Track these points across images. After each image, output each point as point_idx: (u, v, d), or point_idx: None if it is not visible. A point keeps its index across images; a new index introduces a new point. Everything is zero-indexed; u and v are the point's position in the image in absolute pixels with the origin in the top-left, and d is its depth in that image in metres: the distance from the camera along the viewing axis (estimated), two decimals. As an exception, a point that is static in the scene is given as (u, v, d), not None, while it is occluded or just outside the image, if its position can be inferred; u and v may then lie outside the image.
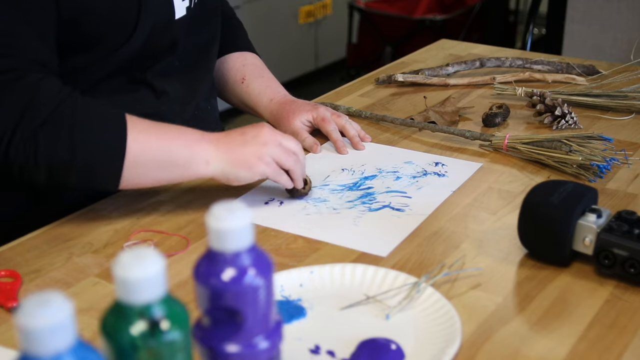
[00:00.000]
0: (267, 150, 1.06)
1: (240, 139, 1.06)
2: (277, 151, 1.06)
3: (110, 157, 1.00)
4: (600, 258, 0.93)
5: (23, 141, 0.97)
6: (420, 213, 1.10)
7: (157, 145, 1.02)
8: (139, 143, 1.01)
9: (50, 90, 0.99)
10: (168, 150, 1.03)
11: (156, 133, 1.03)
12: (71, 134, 0.98)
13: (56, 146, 0.97)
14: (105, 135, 1.00)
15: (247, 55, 1.39)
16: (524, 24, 2.55)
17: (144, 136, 1.02)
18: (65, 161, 0.98)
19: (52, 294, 0.53)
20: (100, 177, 1.01)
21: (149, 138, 1.02)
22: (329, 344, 0.83)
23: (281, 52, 3.90)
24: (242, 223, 0.64)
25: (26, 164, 0.98)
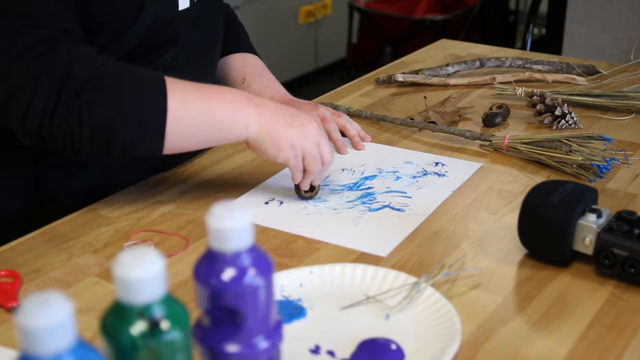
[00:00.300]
0: (303, 144, 1.06)
1: (287, 119, 1.06)
2: (312, 151, 1.07)
3: (152, 115, 0.99)
4: (600, 258, 0.93)
5: (67, 106, 0.96)
6: (420, 213, 1.10)
7: (198, 102, 1.02)
8: (179, 100, 1.00)
9: (88, 56, 0.99)
10: (208, 107, 1.02)
11: (197, 91, 1.03)
12: (113, 95, 0.98)
13: (99, 108, 0.97)
14: (146, 94, 1.00)
15: (247, 56, 1.40)
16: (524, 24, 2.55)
17: (185, 93, 1.01)
18: (108, 122, 0.97)
19: (52, 294, 0.53)
20: (144, 137, 1.00)
21: (190, 95, 1.02)
22: (329, 344, 0.83)
23: (281, 52, 3.90)
24: (242, 223, 0.64)
25: (71, 129, 0.97)
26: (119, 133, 0.98)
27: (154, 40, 1.14)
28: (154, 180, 1.19)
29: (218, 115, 1.02)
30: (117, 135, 0.98)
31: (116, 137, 0.99)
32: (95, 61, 0.99)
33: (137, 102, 0.99)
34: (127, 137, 0.99)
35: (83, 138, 0.98)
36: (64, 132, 0.97)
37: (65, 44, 0.99)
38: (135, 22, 1.09)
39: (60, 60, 0.97)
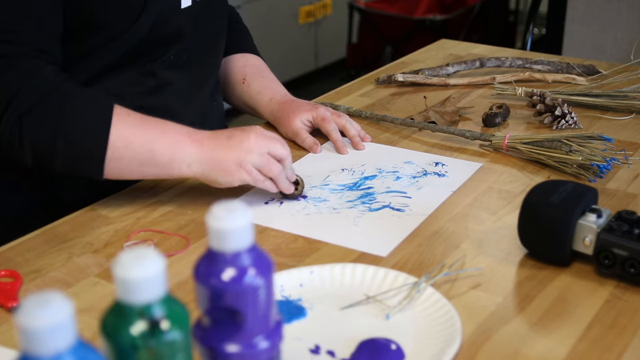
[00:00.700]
0: (249, 158, 1.05)
1: (225, 143, 1.05)
2: (260, 160, 1.06)
3: (93, 149, 1.01)
4: (600, 258, 0.93)
5: (10, 124, 0.99)
6: (420, 213, 1.10)
7: (140, 142, 1.03)
8: (121, 139, 1.02)
9: (44, 78, 1.01)
10: (150, 149, 1.03)
11: (141, 129, 1.04)
12: (57, 121, 1.00)
13: (40, 131, 0.99)
14: (90, 126, 1.01)
15: (248, 57, 1.40)
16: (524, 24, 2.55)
17: (128, 132, 1.02)
18: (48, 146, 1.00)
19: (52, 294, 0.53)
20: (83, 166, 1.03)
21: (133, 135, 1.03)
22: (329, 344, 0.83)
23: (281, 52, 3.90)
24: (242, 223, 0.64)
25: (13, 144, 1.00)
26: (59, 157, 1.01)
27: (157, 38, 1.14)
28: (154, 180, 1.19)
29: (159, 156, 1.03)
30: (56, 158, 1.01)
31: (55, 160, 1.01)
32: (50, 83, 1.00)
33: (78, 134, 1.01)
34: (67, 163, 1.02)
35: (25, 155, 1.01)
36: (7, 148, 1.01)
37: (29, 61, 1.01)
38: (138, 20, 1.09)
39: (9, 80, 0.99)
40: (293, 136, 1.30)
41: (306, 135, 1.29)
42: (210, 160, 1.04)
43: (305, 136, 1.29)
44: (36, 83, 1.00)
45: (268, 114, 1.35)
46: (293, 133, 1.30)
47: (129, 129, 1.03)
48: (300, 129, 1.29)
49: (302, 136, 1.29)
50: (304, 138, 1.29)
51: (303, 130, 1.30)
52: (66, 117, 1.00)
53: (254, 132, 1.07)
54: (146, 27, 1.11)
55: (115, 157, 1.02)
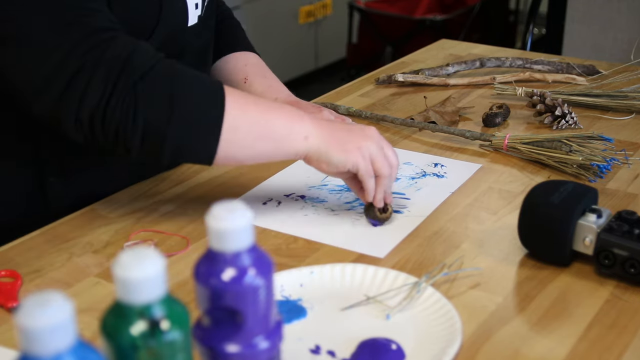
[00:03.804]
0: (369, 145, 1.02)
1: (345, 126, 1.04)
2: (378, 152, 1.02)
3: (208, 117, 0.95)
4: (600, 258, 0.93)
5: (122, 96, 0.92)
6: (419, 215, 1.10)
7: (257, 113, 0.99)
8: (237, 107, 0.97)
9: (146, 49, 0.97)
10: (267, 119, 0.99)
11: (255, 101, 1.01)
12: (169, 91, 0.94)
13: (154, 101, 0.93)
14: (204, 94, 0.97)
15: (249, 56, 1.39)
16: (524, 24, 2.55)
17: (243, 102, 0.99)
18: (162, 117, 0.93)
19: (52, 294, 0.53)
20: (197, 140, 0.96)
21: (248, 105, 0.99)
22: (330, 344, 0.83)
23: (281, 52, 3.90)
24: (242, 223, 0.64)
25: (124, 122, 0.92)
26: (171, 132, 0.94)
27: None
28: (154, 180, 1.19)
29: (277, 126, 0.99)
30: (168, 135, 0.94)
31: (167, 138, 0.94)
32: (153, 55, 0.97)
33: (193, 101, 0.96)
34: (180, 137, 0.95)
35: (134, 135, 0.93)
36: (115, 126, 0.93)
37: (122, 34, 0.97)
38: (149, 40, 1.09)
39: (117, 50, 0.94)
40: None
41: None
42: (330, 136, 1.01)
43: None
44: (142, 54, 0.95)
45: None
46: None
47: (244, 99, 1.00)
48: None
49: None
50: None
51: None
52: (181, 82, 0.95)
53: (374, 127, 1.05)
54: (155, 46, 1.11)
55: (231, 127, 0.95)
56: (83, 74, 0.92)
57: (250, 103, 1.00)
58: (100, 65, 0.92)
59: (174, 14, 1.12)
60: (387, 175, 1.03)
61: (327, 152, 1.01)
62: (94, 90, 0.92)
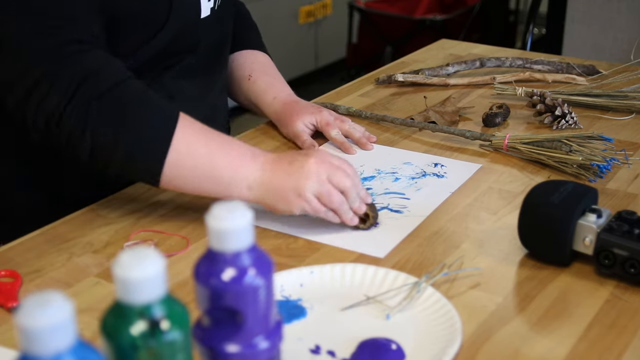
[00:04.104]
0: (309, 186, 0.99)
1: (285, 168, 1.00)
2: (319, 188, 1.00)
3: (154, 149, 0.97)
4: (600, 258, 0.93)
5: (77, 107, 0.95)
6: (419, 215, 1.10)
7: (203, 153, 0.99)
8: (185, 144, 0.98)
9: (114, 68, 0.99)
10: (212, 163, 0.99)
11: (205, 139, 1.00)
12: (123, 113, 0.96)
13: (105, 123, 0.96)
14: (155, 125, 0.98)
15: (257, 54, 1.40)
16: (524, 24, 2.55)
17: (193, 139, 0.99)
18: (109, 139, 0.96)
19: (52, 294, 0.53)
20: (141, 167, 0.99)
21: (197, 143, 0.99)
22: (330, 344, 0.83)
23: (281, 52, 3.90)
24: (242, 223, 0.64)
25: (75, 134, 0.96)
26: (118, 155, 0.97)
27: (174, 48, 1.15)
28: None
29: (220, 173, 0.99)
30: (115, 157, 0.98)
31: (114, 159, 0.98)
32: (117, 76, 0.99)
33: (143, 131, 0.98)
34: (124, 162, 0.98)
35: (84, 147, 0.97)
36: (67, 136, 0.97)
37: (96, 48, 0.99)
38: (161, 32, 1.09)
39: (85, 64, 0.97)
40: (294, 137, 1.30)
41: (306, 137, 1.29)
42: (271, 187, 1.00)
43: (305, 138, 1.29)
44: (109, 71, 0.98)
45: (271, 112, 1.35)
46: (294, 135, 1.30)
47: (193, 135, 0.99)
48: (302, 132, 1.29)
49: (302, 138, 1.29)
50: (304, 140, 1.29)
51: (304, 133, 1.30)
52: (133, 109, 0.97)
53: (315, 157, 1.01)
54: (166, 39, 1.11)
55: (175, 164, 0.98)
56: (46, 80, 0.96)
57: (200, 142, 0.99)
58: (64, 75, 0.96)
59: (186, 5, 1.12)
60: (338, 205, 1.01)
61: (271, 202, 1.01)
62: (51, 99, 0.96)
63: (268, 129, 1.38)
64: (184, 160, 0.98)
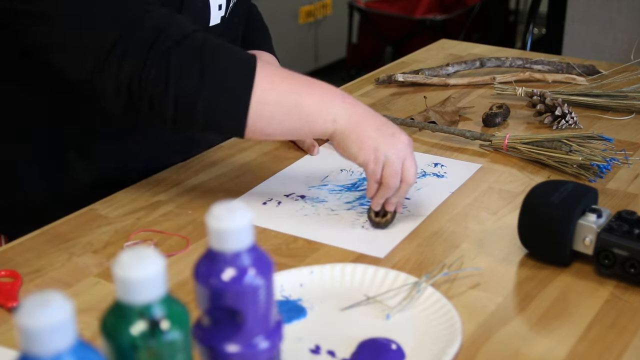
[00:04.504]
0: (387, 151, 0.99)
1: (377, 122, 1.01)
2: (394, 161, 1.00)
3: (238, 90, 0.97)
4: (600, 258, 0.93)
5: (156, 60, 0.95)
6: (419, 214, 1.10)
7: (287, 89, 0.98)
8: (267, 82, 0.97)
9: (183, 22, 0.99)
10: (297, 97, 0.98)
11: (288, 78, 1.00)
12: (201, 61, 0.96)
13: (186, 70, 0.95)
14: (234, 67, 0.98)
15: (262, 54, 1.40)
16: (524, 24, 2.55)
17: (274, 77, 0.99)
18: (193, 88, 0.95)
19: (52, 294, 0.53)
20: (226, 113, 0.98)
21: (279, 80, 0.99)
22: (330, 344, 0.83)
23: (281, 52, 3.88)
24: (242, 223, 0.64)
25: (157, 87, 0.95)
26: (202, 102, 0.96)
27: None
28: (154, 180, 1.19)
29: (306, 103, 0.99)
30: (199, 103, 0.96)
31: (198, 106, 0.96)
32: (187, 27, 0.98)
33: (223, 74, 0.97)
34: (210, 108, 0.97)
35: (168, 101, 0.96)
36: (150, 95, 0.96)
37: (160, 7, 0.99)
38: None
39: (154, 20, 0.97)
40: (294, 137, 1.30)
41: None
42: (357, 125, 0.99)
43: None
44: (179, 25, 0.98)
45: None
46: None
47: (273, 72, 0.99)
48: None
49: None
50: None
51: None
52: (211, 54, 0.97)
53: (407, 137, 1.03)
54: None
55: (260, 101, 0.96)
56: (121, 43, 0.95)
57: (282, 78, 0.99)
58: (137, 34, 0.95)
59: (195, 13, 1.13)
60: (391, 187, 1.01)
61: (347, 140, 1.00)
62: (130, 59, 0.95)
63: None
64: (269, 94, 0.97)
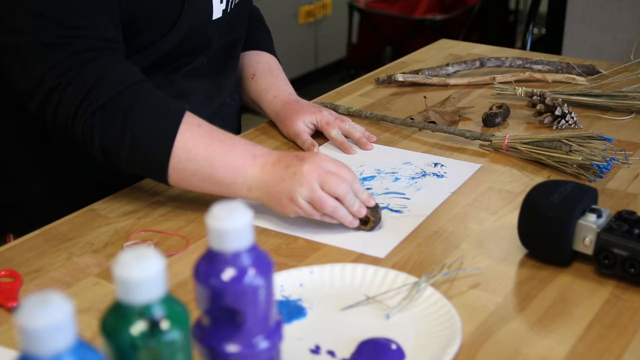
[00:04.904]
0: (300, 192, 1.00)
1: (281, 172, 1.01)
2: (311, 195, 1.00)
3: (156, 155, 1.02)
4: (600, 258, 0.93)
5: (83, 121, 1.00)
6: (419, 214, 1.10)
7: (203, 157, 1.01)
8: (185, 151, 1.01)
9: (117, 76, 1.01)
10: (212, 167, 1.02)
11: (205, 145, 1.02)
12: (124, 120, 1.00)
13: (108, 129, 1.00)
14: (156, 131, 1.01)
15: (263, 55, 1.41)
16: (524, 24, 2.55)
17: (193, 144, 1.01)
18: (115, 145, 1.01)
19: (52, 294, 0.53)
20: (148, 170, 1.05)
21: (197, 148, 1.01)
22: (329, 344, 0.83)
23: (281, 52, 3.88)
24: (242, 223, 0.64)
25: (85, 139, 1.02)
26: (125, 161, 1.02)
27: (185, 49, 1.16)
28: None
29: (221, 175, 1.02)
30: (123, 162, 1.02)
31: (123, 163, 1.03)
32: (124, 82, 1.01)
33: (145, 139, 1.01)
34: (133, 165, 1.03)
35: (96, 151, 1.03)
36: (81, 141, 1.03)
37: (103, 57, 1.02)
38: (172, 30, 1.11)
39: (89, 74, 1.00)
40: (294, 137, 1.30)
41: (306, 137, 1.29)
42: (267, 190, 1.02)
43: (305, 138, 1.29)
44: (110, 81, 1.00)
45: (271, 111, 1.35)
46: (294, 134, 1.30)
47: (194, 141, 1.01)
48: (302, 131, 1.29)
49: (302, 138, 1.29)
50: (304, 140, 1.29)
51: (304, 132, 1.30)
52: (134, 118, 1.00)
53: (309, 163, 1.01)
54: (177, 38, 1.13)
55: (178, 168, 1.02)
56: (56, 93, 1.01)
57: (200, 148, 1.02)
58: (70, 87, 1.00)
59: (197, 6, 1.14)
60: (332, 210, 1.01)
61: (270, 204, 1.04)
62: (63, 108, 1.01)
63: (268, 128, 1.38)
64: (185, 165, 1.02)
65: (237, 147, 1.03)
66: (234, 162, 1.02)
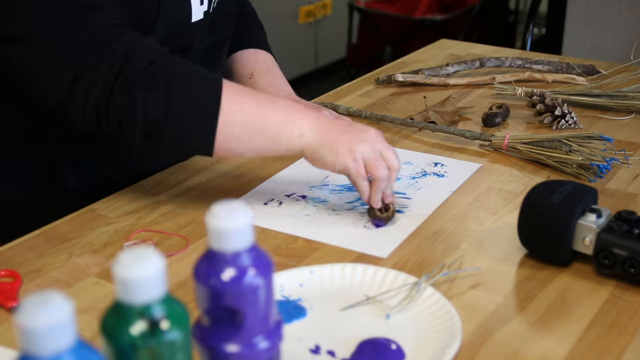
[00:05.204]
0: (362, 147, 1.01)
1: (343, 125, 1.03)
2: (372, 155, 1.01)
3: (204, 114, 0.98)
4: (600, 258, 0.93)
5: (123, 89, 0.96)
6: (420, 214, 1.10)
7: (252, 110, 1.00)
8: (233, 103, 0.99)
9: (148, 47, 1.00)
10: (263, 116, 1.00)
11: (254, 98, 1.01)
12: (167, 85, 0.97)
13: (151, 101, 0.96)
14: (201, 91, 0.99)
15: (260, 53, 1.40)
16: (524, 24, 2.55)
17: (240, 98, 1.00)
18: (159, 115, 0.97)
19: (52, 294, 0.53)
20: (195, 135, 0.99)
21: (245, 102, 1.00)
22: (329, 344, 0.83)
23: (281, 52, 3.89)
24: (242, 223, 0.64)
25: (124, 114, 0.97)
26: (169, 129, 0.97)
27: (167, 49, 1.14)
28: (154, 180, 1.19)
29: (271, 123, 1.00)
30: (167, 130, 0.97)
31: (166, 132, 0.98)
32: (153, 52, 0.99)
33: (188, 100, 0.98)
34: (179, 133, 0.98)
35: (136, 127, 0.97)
36: (118, 121, 0.97)
37: (127, 31, 1.00)
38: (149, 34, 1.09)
39: (119, 47, 0.97)
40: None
41: None
42: (324, 134, 1.01)
43: None
44: (145, 50, 0.99)
45: None
46: None
47: (241, 95, 1.00)
48: None
49: None
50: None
51: None
52: (177, 79, 0.98)
53: (375, 130, 1.04)
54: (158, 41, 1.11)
55: (227, 123, 0.98)
56: (86, 72, 0.96)
57: (247, 99, 1.01)
58: (102, 63, 0.96)
59: (176, 8, 1.12)
60: (381, 177, 1.02)
61: (320, 151, 1.01)
62: (97, 88, 0.96)
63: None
64: (236, 117, 0.99)
65: (284, 99, 1.04)
66: (285, 109, 1.01)
